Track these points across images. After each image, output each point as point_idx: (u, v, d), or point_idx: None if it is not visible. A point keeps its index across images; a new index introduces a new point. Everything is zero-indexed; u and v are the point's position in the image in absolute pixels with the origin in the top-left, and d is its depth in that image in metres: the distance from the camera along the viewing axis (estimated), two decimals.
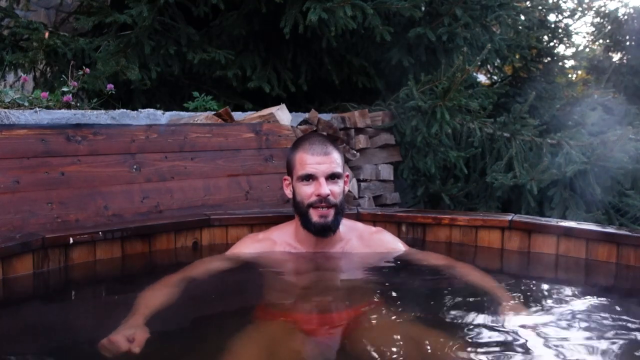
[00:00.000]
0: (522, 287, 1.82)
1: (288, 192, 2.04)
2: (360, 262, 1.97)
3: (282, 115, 3.09)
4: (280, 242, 2.04)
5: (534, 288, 1.81)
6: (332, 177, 1.93)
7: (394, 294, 1.72)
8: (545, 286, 1.83)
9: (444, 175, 3.98)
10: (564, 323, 1.49)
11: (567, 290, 1.82)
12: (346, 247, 2.03)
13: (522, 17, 5.11)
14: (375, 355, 1.34)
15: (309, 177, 1.92)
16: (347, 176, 2.05)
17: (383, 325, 1.52)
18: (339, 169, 1.95)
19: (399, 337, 1.43)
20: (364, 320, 1.57)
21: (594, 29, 9.44)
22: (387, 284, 1.84)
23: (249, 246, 2.05)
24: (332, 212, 1.92)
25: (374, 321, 1.57)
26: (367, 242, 2.05)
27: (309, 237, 1.99)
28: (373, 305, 1.71)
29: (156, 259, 2.14)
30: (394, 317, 1.59)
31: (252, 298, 1.79)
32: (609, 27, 8.98)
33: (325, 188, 1.89)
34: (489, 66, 5.23)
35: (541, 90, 4.99)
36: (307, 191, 1.92)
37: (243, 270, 1.96)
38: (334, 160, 1.94)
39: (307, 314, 1.66)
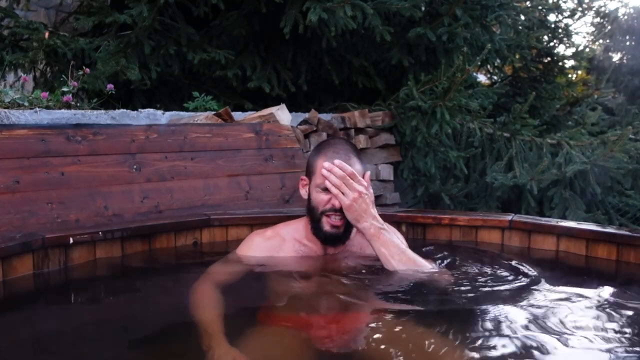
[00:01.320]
0: (522, 288, 1.82)
1: (303, 193, 1.99)
2: (365, 262, 1.96)
3: (282, 115, 3.09)
4: (289, 239, 2.01)
5: (533, 288, 1.81)
6: None
7: (399, 295, 1.72)
8: (545, 286, 1.82)
9: (444, 175, 3.99)
10: (564, 323, 1.49)
11: (567, 291, 1.82)
12: (354, 244, 2.02)
13: (522, 17, 5.12)
14: None
15: (327, 189, 1.88)
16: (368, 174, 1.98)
17: (389, 329, 1.51)
18: None
19: (405, 341, 1.42)
20: (369, 325, 1.56)
21: (594, 29, 9.46)
22: (391, 284, 1.84)
23: (260, 245, 2.01)
24: (344, 222, 1.90)
25: (379, 325, 1.57)
26: None
27: None
28: (378, 308, 1.70)
29: (156, 259, 2.13)
30: (399, 320, 1.58)
31: (257, 302, 1.78)
32: (609, 27, 9.00)
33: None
34: (489, 66, 5.23)
35: (541, 90, 5.00)
36: (323, 199, 1.89)
37: (251, 273, 1.94)
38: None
39: (312, 319, 1.65)
